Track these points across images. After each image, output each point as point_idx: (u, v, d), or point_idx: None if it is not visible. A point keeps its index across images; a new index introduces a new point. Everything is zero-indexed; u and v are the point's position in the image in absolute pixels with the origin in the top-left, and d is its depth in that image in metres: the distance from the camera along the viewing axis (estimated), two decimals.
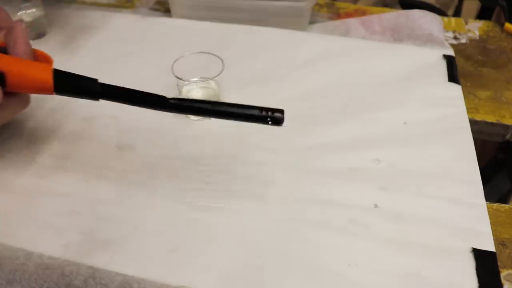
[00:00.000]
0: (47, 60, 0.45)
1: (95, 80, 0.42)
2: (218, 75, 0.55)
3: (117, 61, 0.67)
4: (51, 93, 0.42)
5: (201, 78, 0.56)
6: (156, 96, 0.43)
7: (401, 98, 0.60)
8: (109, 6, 0.83)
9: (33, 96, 0.62)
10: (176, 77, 0.54)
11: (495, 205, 0.49)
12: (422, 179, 0.49)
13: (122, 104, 0.43)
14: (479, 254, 0.43)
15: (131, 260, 0.43)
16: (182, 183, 0.50)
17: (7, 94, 0.42)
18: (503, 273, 0.43)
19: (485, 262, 0.42)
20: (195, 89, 0.58)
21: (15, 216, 0.46)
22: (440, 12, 0.91)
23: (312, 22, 0.77)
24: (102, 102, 0.44)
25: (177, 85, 0.56)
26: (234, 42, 0.70)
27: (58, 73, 0.42)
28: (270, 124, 0.42)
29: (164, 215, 0.46)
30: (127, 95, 0.43)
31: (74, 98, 0.43)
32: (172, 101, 0.43)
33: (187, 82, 0.55)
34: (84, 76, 0.42)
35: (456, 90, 0.61)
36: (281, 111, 0.42)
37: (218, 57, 0.56)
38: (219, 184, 0.49)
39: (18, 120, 0.57)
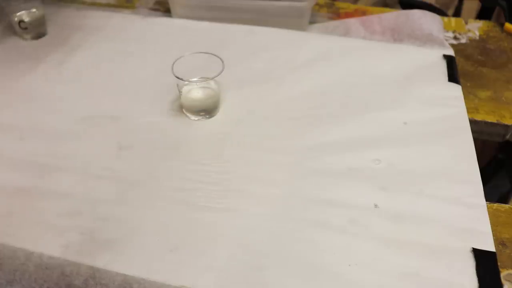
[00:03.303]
0: None
1: None
2: (218, 75, 0.55)
3: (117, 61, 0.67)
4: None
5: (201, 78, 0.56)
6: None
7: (401, 98, 0.60)
8: (109, 6, 0.83)
9: (33, 97, 0.62)
10: (176, 77, 0.54)
11: (495, 205, 0.49)
12: (422, 179, 0.49)
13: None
14: (479, 254, 0.43)
15: (131, 260, 0.43)
16: (182, 183, 0.50)
17: None
18: (503, 273, 0.43)
19: (485, 262, 0.42)
20: (195, 89, 0.58)
21: (15, 217, 0.46)
22: (440, 12, 0.91)
23: (312, 22, 0.77)
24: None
25: (177, 85, 0.56)
26: (234, 42, 0.70)
27: None
28: None
29: (164, 215, 0.46)
30: None
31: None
32: None
33: (187, 82, 0.55)
34: None
35: (456, 90, 0.61)
36: None
37: (218, 57, 0.56)
38: (219, 184, 0.49)
39: (18, 120, 0.57)
